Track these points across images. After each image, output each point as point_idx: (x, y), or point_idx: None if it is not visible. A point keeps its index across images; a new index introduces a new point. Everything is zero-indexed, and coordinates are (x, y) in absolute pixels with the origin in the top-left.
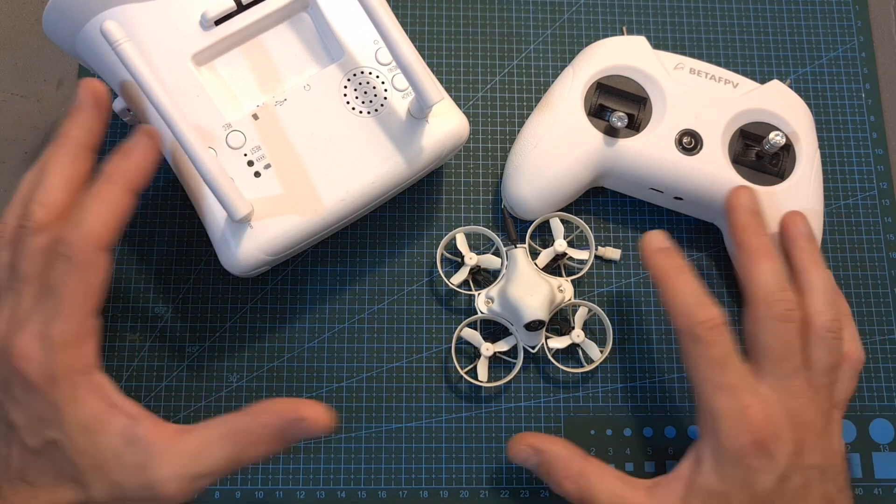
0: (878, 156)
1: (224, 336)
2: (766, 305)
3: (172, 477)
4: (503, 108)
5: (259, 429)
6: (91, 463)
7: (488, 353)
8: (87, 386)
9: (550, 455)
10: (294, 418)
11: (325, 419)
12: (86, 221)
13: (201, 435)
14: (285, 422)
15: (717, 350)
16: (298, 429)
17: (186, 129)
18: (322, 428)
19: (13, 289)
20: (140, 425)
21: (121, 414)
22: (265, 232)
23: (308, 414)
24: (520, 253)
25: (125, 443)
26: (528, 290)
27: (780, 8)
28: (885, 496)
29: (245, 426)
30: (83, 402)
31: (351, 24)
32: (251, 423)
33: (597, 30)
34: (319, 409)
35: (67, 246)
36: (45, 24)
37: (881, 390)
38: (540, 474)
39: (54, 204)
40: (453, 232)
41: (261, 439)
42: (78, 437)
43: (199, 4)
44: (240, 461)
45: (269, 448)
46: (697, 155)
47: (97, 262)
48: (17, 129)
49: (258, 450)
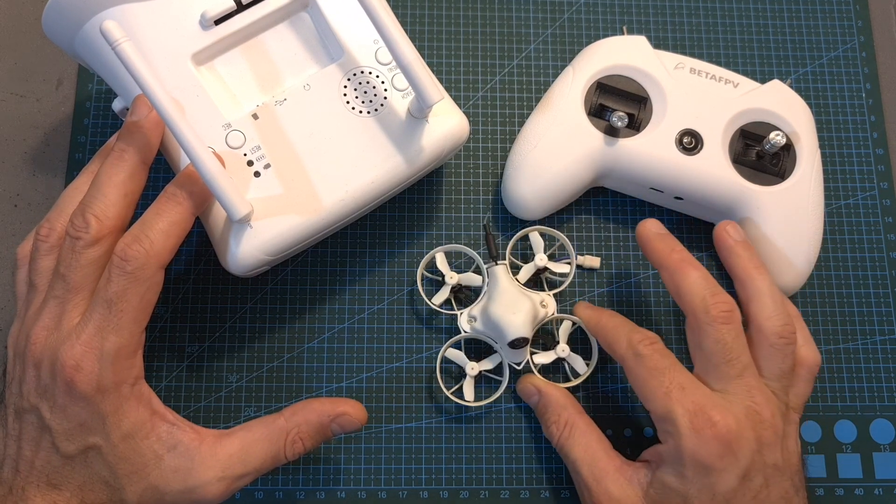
0: (879, 156)
1: (224, 336)
2: (704, 312)
3: (216, 479)
4: (503, 108)
5: (298, 427)
6: (130, 468)
7: (473, 373)
8: (133, 396)
9: (549, 398)
10: (334, 415)
11: (361, 414)
12: (151, 240)
13: (242, 437)
14: (324, 419)
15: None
16: (337, 424)
17: (186, 129)
18: (359, 423)
19: (57, 297)
20: (181, 431)
21: (163, 421)
22: (265, 232)
23: (346, 409)
24: (500, 270)
25: (167, 448)
26: (511, 307)
27: (780, 8)
28: (886, 496)
29: (285, 426)
30: (129, 411)
31: (351, 24)
32: (290, 423)
33: (597, 30)
34: (356, 405)
35: (131, 263)
36: (45, 23)
37: (881, 390)
38: (538, 414)
39: (110, 217)
40: (433, 252)
41: (300, 437)
42: (120, 444)
43: (198, 4)
44: (280, 459)
45: (309, 445)
46: (698, 155)
47: (157, 280)
48: (16, 129)
49: (298, 447)
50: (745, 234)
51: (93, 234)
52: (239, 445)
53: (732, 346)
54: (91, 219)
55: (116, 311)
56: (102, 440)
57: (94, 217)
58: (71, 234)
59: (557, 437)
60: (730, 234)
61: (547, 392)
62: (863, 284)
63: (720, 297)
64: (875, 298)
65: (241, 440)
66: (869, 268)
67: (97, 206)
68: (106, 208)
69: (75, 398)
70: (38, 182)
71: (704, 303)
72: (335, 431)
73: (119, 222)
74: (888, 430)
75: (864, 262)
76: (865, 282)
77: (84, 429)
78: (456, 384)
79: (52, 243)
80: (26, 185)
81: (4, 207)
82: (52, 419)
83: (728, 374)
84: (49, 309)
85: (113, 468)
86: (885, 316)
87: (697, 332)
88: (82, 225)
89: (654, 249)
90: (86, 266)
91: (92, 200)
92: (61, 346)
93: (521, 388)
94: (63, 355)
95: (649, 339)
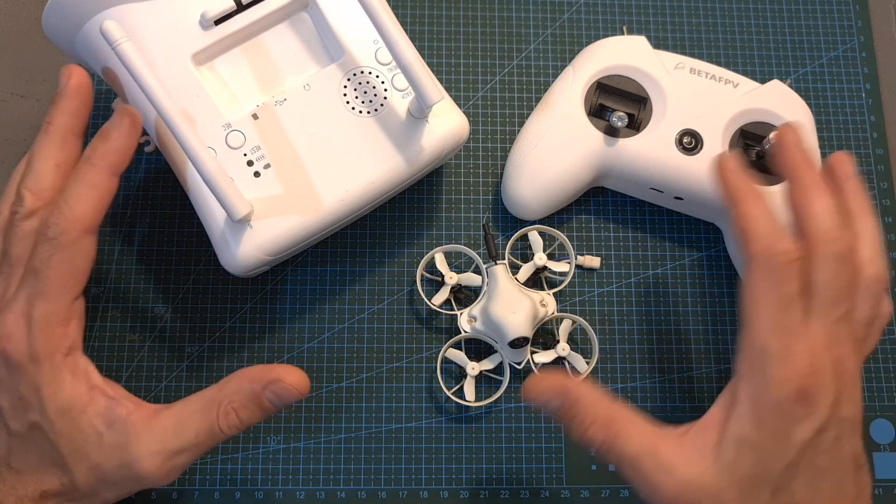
0: (879, 156)
1: (224, 336)
2: (826, 243)
3: (150, 454)
4: (503, 108)
5: (231, 396)
6: (72, 446)
7: (474, 373)
8: (68, 367)
9: (576, 396)
10: (267, 381)
11: (298, 380)
12: (69, 205)
13: (177, 410)
14: (258, 385)
15: (788, 287)
16: (272, 392)
17: (186, 128)
18: (297, 392)
19: (2, 273)
20: (120, 405)
21: (101, 396)
22: (265, 232)
23: (279, 375)
24: (500, 269)
25: (105, 424)
26: (510, 307)
27: (780, 8)
28: (886, 496)
29: (218, 396)
30: (64, 384)
31: (351, 24)
32: (223, 393)
33: (597, 30)
34: (294, 370)
35: (51, 228)
36: (45, 23)
37: (881, 390)
38: (562, 419)
39: (43, 189)
40: (432, 252)
41: (233, 407)
42: (59, 420)
43: (198, 4)
44: (216, 433)
45: (244, 416)
46: (698, 155)
47: (82, 245)
48: (17, 129)
49: (232, 419)
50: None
51: (27, 206)
52: (174, 418)
53: (845, 287)
54: (25, 192)
55: (42, 277)
56: (40, 416)
57: (28, 191)
58: (11, 211)
59: (602, 439)
60: (846, 166)
61: (573, 390)
62: None
63: (849, 235)
64: None
65: (177, 413)
66: None
67: (29, 180)
68: (38, 181)
69: (11, 370)
70: None
71: (831, 233)
72: (271, 401)
73: (54, 193)
74: (888, 430)
75: None
76: None
77: (25, 404)
78: (456, 384)
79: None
80: None
81: None
82: (1, 396)
83: (832, 314)
84: None
85: (56, 447)
86: None
87: (813, 261)
88: (17, 200)
89: (793, 160)
90: (23, 239)
91: (25, 176)
92: None
93: (536, 393)
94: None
95: (790, 255)
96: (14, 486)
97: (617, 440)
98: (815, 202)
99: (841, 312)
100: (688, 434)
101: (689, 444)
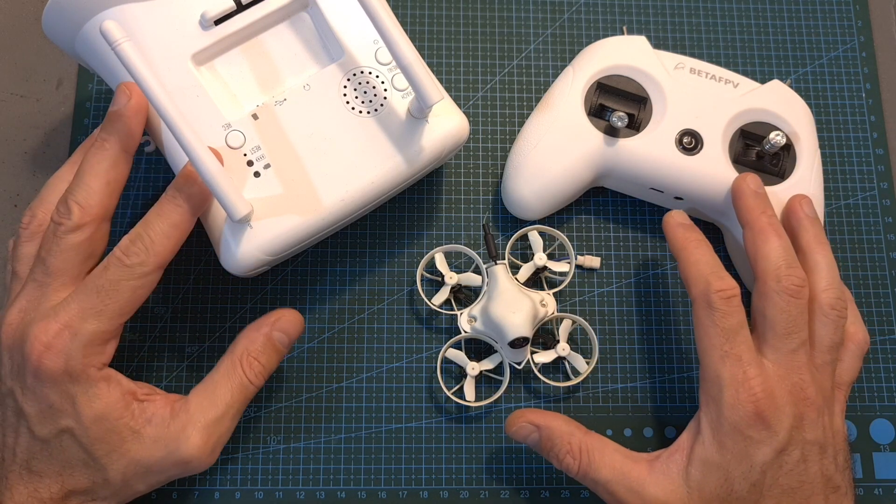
0: (879, 156)
1: (224, 336)
2: (776, 280)
3: (194, 430)
4: (503, 108)
5: (247, 348)
6: (107, 448)
7: (474, 373)
8: (101, 378)
9: (551, 431)
10: (270, 324)
11: (294, 315)
12: (153, 240)
13: (204, 387)
14: (266, 329)
15: (730, 320)
16: (278, 330)
17: (186, 129)
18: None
19: (36, 280)
20: (153, 403)
21: (134, 399)
22: (265, 232)
23: (278, 315)
24: (500, 269)
25: (143, 423)
26: (511, 307)
27: (780, 8)
28: (886, 496)
29: (234, 356)
30: (99, 393)
31: (351, 24)
32: (237, 353)
33: (597, 30)
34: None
35: (130, 257)
36: (45, 23)
37: (881, 390)
38: (540, 450)
39: (92, 205)
40: (432, 252)
41: (254, 356)
42: (93, 426)
43: (198, 4)
44: (246, 386)
45: (265, 360)
46: (698, 155)
47: (152, 279)
48: (17, 129)
49: (256, 366)
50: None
51: (75, 220)
52: (204, 393)
53: (796, 320)
54: (74, 206)
55: (105, 297)
56: (74, 422)
57: (77, 204)
58: (54, 220)
59: (577, 466)
60: (802, 207)
61: (547, 425)
62: (863, 284)
63: (795, 272)
64: (875, 298)
65: (204, 389)
66: (869, 268)
67: (80, 194)
68: (89, 196)
69: (42, 379)
70: (38, 182)
71: (779, 272)
72: (280, 339)
73: (102, 210)
74: (888, 430)
75: (863, 262)
76: (865, 282)
77: (54, 411)
78: (456, 384)
79: (33, 230)
80: (26, 185)
81: (4, 207)
82: (25, 402)
83: (785, 346)
84: (27, 292)
85: (89, 450)
86: (885, 316)
87: (764, 299)
88: (65, 211)
89: (746, 206)
90: (66, 251)
91: (75, 189)
92: (34, 324)
93: (516, 430)
94: (34, 332)
95: (727, 293)
96: (36, 489)
97: (591, 467)
98: (765, 244)
99: (796, 342)
100: (658, 458)
101: (659, 467)
